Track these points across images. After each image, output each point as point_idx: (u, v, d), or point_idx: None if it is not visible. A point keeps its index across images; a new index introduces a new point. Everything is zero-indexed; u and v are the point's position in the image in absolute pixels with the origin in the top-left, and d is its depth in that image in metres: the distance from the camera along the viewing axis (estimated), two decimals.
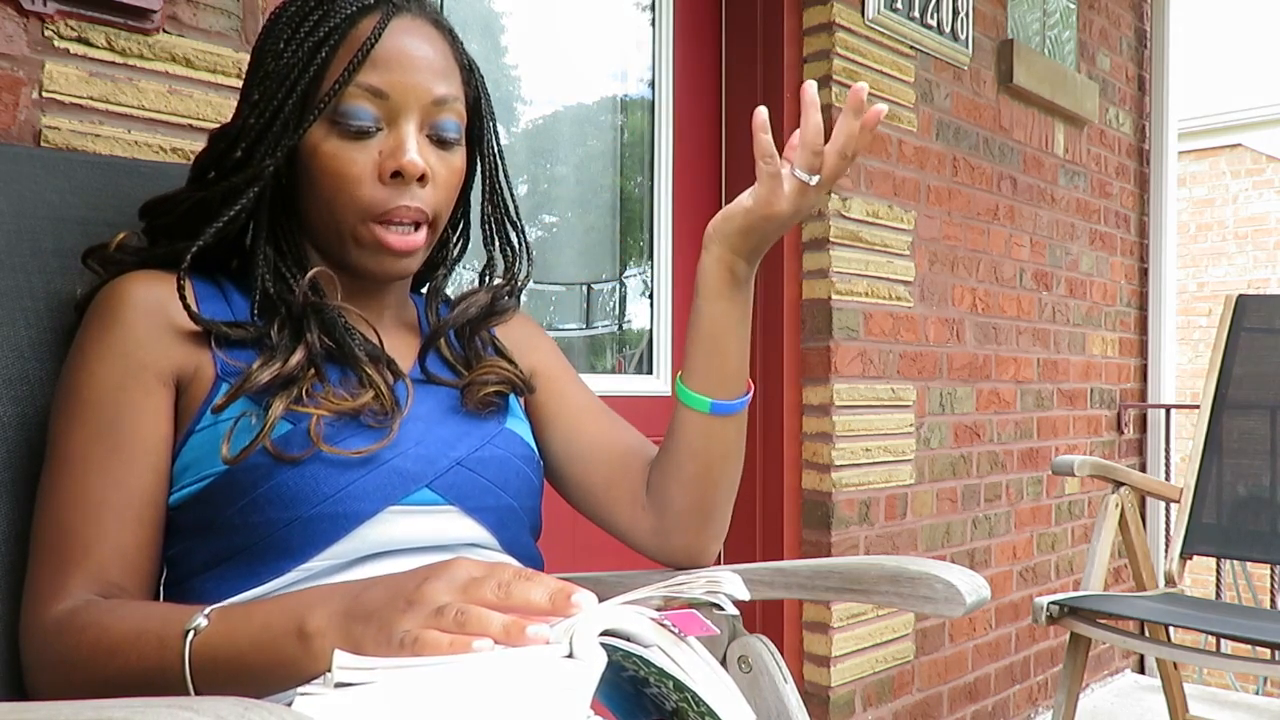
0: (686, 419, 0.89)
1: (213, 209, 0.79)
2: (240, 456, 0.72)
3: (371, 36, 0.77)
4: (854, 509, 2.06)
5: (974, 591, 0.79)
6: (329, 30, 0.77)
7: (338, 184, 0.78)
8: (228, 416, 0.74)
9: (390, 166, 0.77)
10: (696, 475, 0.89)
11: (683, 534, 0.92)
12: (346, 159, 0.77)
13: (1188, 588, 2.17)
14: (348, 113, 0.77)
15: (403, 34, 0.79)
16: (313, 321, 0.78)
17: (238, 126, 0.79)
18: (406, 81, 0.78)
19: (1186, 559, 2.16)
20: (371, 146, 0.78)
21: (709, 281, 0.87)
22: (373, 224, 0.79)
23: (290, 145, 0.77)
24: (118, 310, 0.76)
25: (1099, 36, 2.95)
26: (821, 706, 1.99)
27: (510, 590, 0.55)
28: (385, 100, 0.78)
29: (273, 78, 0.78)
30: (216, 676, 0.60)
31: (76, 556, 0.70)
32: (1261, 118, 7.46)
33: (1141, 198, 3.18)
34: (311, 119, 0.77)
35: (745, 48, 2.07)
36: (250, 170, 0.78)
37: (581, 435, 0.96)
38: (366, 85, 0.77)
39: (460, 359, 0.89)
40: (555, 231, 1.91)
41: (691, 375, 0.88)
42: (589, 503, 0.96)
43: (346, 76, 0.76)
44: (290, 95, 0.77)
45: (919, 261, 2.25)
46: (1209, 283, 7.57)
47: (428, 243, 0.82)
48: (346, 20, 0.78)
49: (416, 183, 0.79)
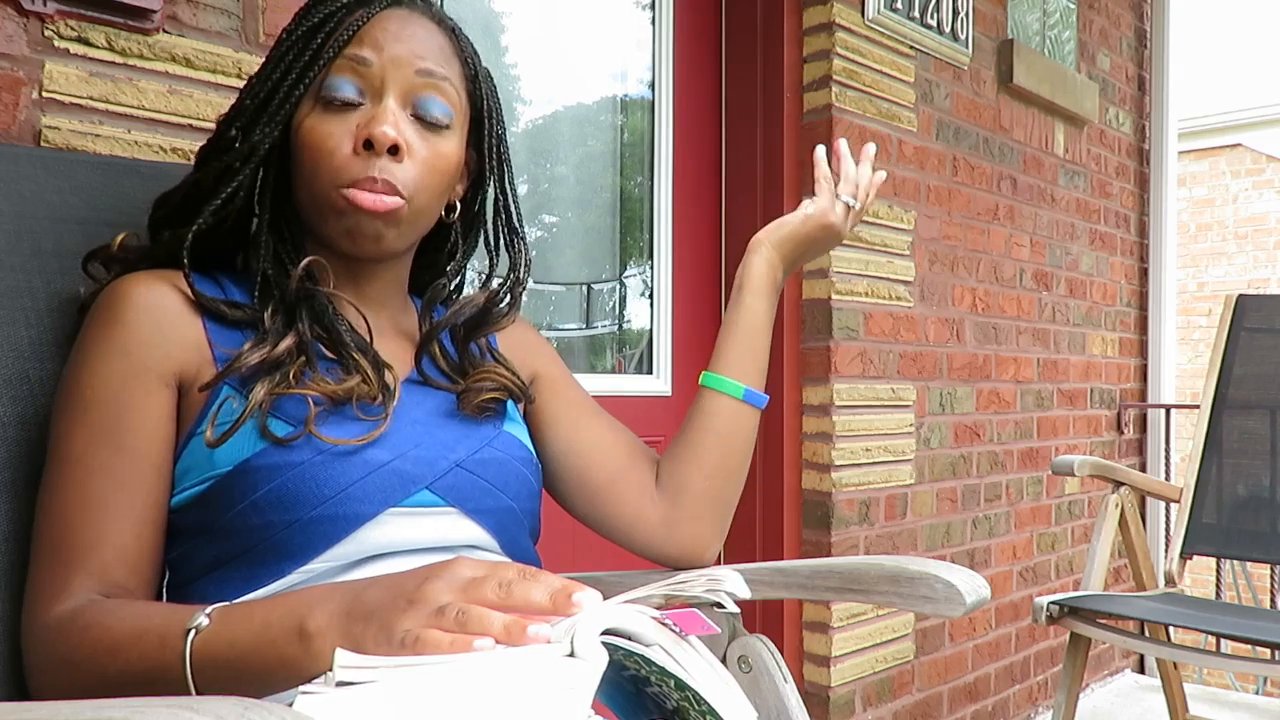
0: (716, 405, 0.95)
1: (207, 190, 0.79)
2: (223, 439, 0.72)
3: (363, 17, 0.79)
4: (854, 509, 2.06)
5: (974, 591, 0.79)
6: (325, 16, 0.79)
7: (316, 156, 0.78)
8: (213, 403, 0.74)
9: (363, 135, 0.77)
10: (718, 462, 0.94)
11: (694, 522, 0.94)
12: (325, 131, 0.78)
13: (1188, 588, 2.17)
14: (331, 85, 0.78)
15: (395, 18, 0.81)
16: (303, 309, 0.79)
17: (236, 109, 0.81)
18: (390, 51, 0.79)
19: (1186, 559, 2.16)
20: (351, 119, 0.78)
21: (754, 280, 0.97)
22: (343, 189, 0.78)
23: (282, 121, 0.78)
24: (120, 310, 0.76)
25: (1099, 36, 2.95)
26: (821, 706, 1.99)
27: (511, 590, 0.55)
28: (368, 68, 0.78)
29: (270, 62, 0.80)
30: (217, 676, 0.60)
31: (78, 556, 0.70)
32: (1261, 118, 7.46)
33: (1141, 198, 3.18)
34: (299, 93, 0.78)
35: (745, 48, 2.07)
36: (244, 147, 0.79)
37: (584, 431, 0.97)
38: (350, 55, 0.78)
39: (455, 366, 0.89)
40: (555, 231, 1.91)
41: (726, 365, 0.96)
42: (591, 500, 0.96)
43: (335, 52, 0.78)
44: (285, 75, 0.78)
45: (919, 261, 2.25)
46: (1209, 283, 7.57)
47: (403, 216, 0.80)
48: (343, 7, 0.80)
49: (390, 156, 0.78)
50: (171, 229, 0.81)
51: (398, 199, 0.79)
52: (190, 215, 0.79)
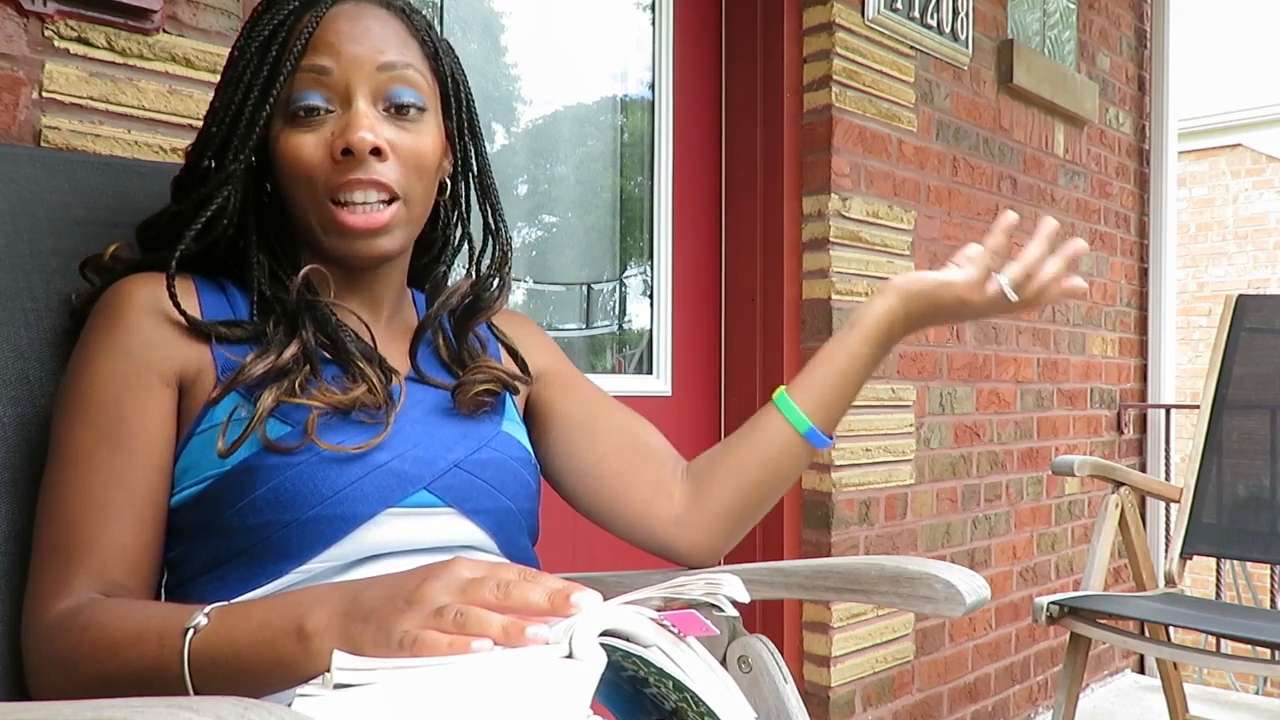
0: (774, 429, 0.91)
1: (189, 220, 0.79)
2: (232, 448, 0.72)
3: (311, 23, 0.77)
4: (854, 509, 2.06)
5: (974, 591, 0.79)
6: (275, 26, 0.78)
7: (296, 172, 0.78)
8: (221, 413, 0.74)
9: (340, 145, 0.76)
10: (755, 484, 0.91)
11: (709, 531, 0.92)
12: (299, 145, 0.77)
13: (1188, 588, 2.17)
14: (297, 99, 0.77)
15: (344, 16, 0.79)
16: (306, 318, 0.78)
17: (203, 139, 0.80)
18: (347, 53, 0.77)
19: (1186, 559, 2.16)
20: (324, 129, 0.77)
21: (870, 324, 0.90)
22: (331, 206, 0.77)
23: (253, 145, 0.77)
24: (122, 310, 0.76)
25: (1099, 36, 2.95)
26: (821, 706, 1.99)
27: (510, 591, 0.54)
28: (330, 76, 0.77)
29: (229, 83, 0.79)
30: (215, 676, 0.60)
31: (79, 555, 0.70)
32: (1261, 118, 7.46)
33: (1141, 198, 3.18)
34: (265, 113, 0.77)
35: (745, 47, 2.07)
36: (220, 176, 0.78)
37: (598, 419, 0.95)
38: (309, 66, 0.77)
39: (455, 357, 0.89)
40: (555, 231, 1.91)
41: (804, 395, 0.91)
42: (601, 490, 0.93)
43: (292, 64, 0.77)
44: (248, 96, 0.77)
45: (919, 261, 2.25)
46: (1209, 283, 7.57)
47: (398, 220, 0.79)
48: (291, 15, 0.78)
49: (373, 158, 0.77)
50: (159, 251, 0.81)
51: (391, 206, 0.78)
52: (175, 242, 0.79)
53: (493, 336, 0.94)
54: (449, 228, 0.93)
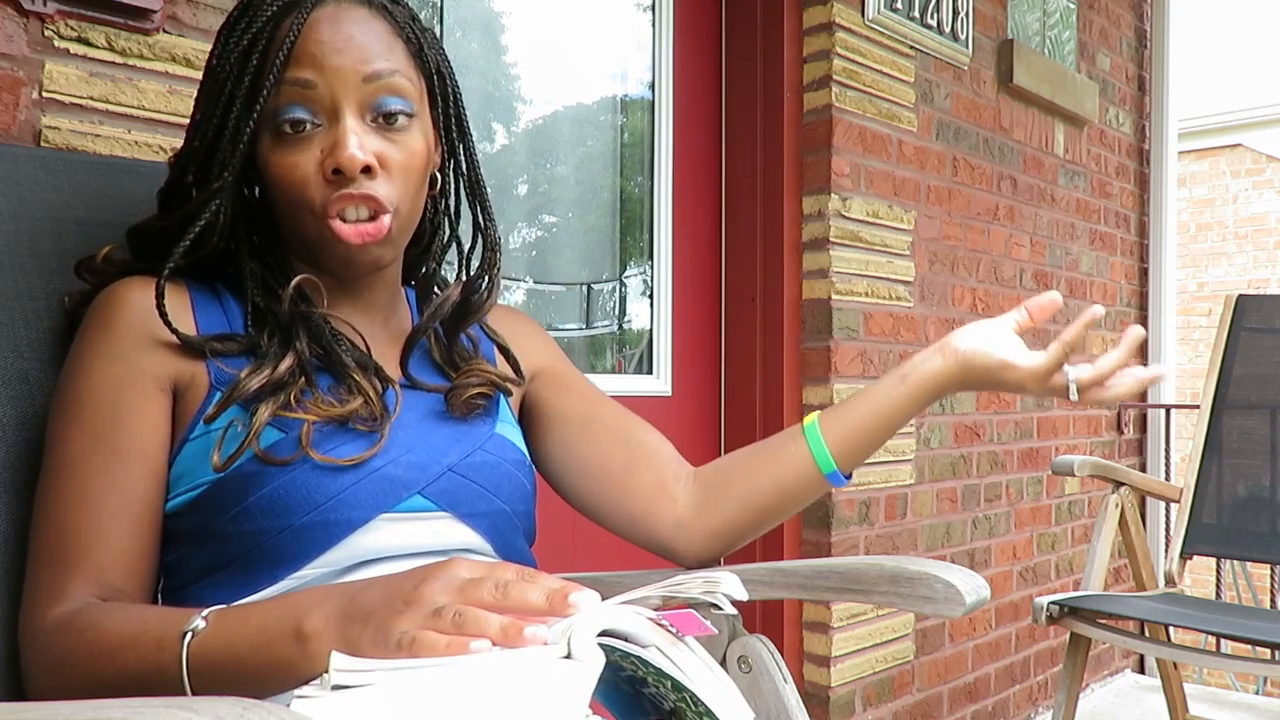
0: (795, 458, 0.89)
1: (175, 235, 0.78)
2: (229, 462, 0.71)
3: (292, 32, 0.74)
4: (854, 509, 2.06)
5: (974, 591, 0.79)
6: (254, 35, 0.75)
7: (287, 191, 0.77)
8: (218, 425, 0.73)
9: (330, 165, 0.75)
10: (764, 507, 0.91)
11: (709, 539, 0.92)
12: (289, 164, 0.76)
13: (1188, 588, 2.17)
14: (282, 114, 0.75)
15: (325, 22, 0.76)
16: (300, 330, 0.77)
17: (187, 152, 0.79)
18: (331, 65, 0.75)
19: (1186, 559, 2.16)
20: (313, 145, 0.76)
21: (924, 381, 0.88)
22: (326, 220, 0.76)
23: (237, 161, 0.76)
24: (116, 314, 0.76)
25: (1099, 36, 2.95)
26: (821, 706, 1.99)
27: (508, 591, 0.54)
28: (315, 90, 0.75)
29: (210, 95, 0.77)
30: (214, 679, 0.60)
31: (75, 559, 0.70)
32: (1261, 118, 7.46)
33: (1141, 198, 3.18)
34: (248, 129, 0.75)
35: (745, 47, 2.07)
36: (205, 192, 0.77)
37: (598, 417, 0.94)
38: (292, 79, 0.75)
39: (447, 359, 0.88)
40: (555, 232, 1.91)
41: (835, 432, 0.89)
42: (601, 488, 0.93)
43: (274, 78, 0.74)
44: (230, 109, 0.76)
45: (919, 261, 2.25)
46: (1209, 283, 7.56)
47: (391, 231, 0.78)
48: (269, 21, 0.76)
49: (364, 175, 0.75)
50: (150, 260, 0.80)
51: (383, 219, 0.77)
52: (165, 253, 0.78)
53: (485, 336, 0.94)
54: (438, 217, 0.92)
